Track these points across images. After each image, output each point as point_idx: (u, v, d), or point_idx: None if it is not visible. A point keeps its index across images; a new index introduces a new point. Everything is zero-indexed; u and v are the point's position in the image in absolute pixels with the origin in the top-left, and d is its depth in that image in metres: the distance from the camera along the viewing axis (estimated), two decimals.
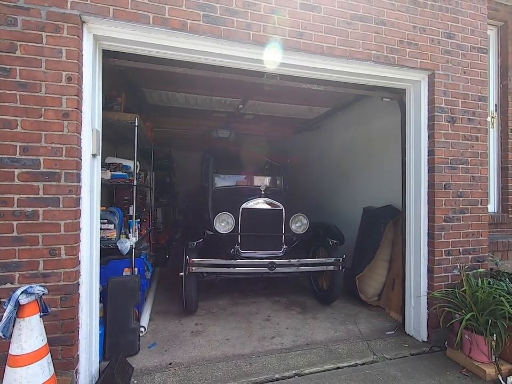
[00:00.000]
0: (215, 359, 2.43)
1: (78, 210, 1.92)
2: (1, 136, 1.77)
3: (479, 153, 2.86)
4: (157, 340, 2.71)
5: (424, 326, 2.73)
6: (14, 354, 1.44)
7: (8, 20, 1.79)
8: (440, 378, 2.23)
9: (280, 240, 3.55)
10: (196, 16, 2.11)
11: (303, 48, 2.34)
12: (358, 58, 2.48)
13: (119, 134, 3.31)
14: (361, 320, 3.20)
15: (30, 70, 1.81)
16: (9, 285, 1.77)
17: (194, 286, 3.14)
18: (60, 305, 1.84)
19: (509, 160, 3.71)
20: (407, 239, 2.91)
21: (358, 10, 2.49)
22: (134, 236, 2.80)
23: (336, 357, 2.49)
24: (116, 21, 1.97)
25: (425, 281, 2.74)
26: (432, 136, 2.73)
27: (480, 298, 2.31)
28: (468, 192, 2.81)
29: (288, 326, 3.05)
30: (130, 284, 2.51)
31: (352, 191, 4.72)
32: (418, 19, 2.67)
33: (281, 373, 2.26)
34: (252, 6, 2.22)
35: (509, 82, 3.73)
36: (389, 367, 2.36)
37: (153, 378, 2.18)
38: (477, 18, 2.87)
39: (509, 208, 3.69)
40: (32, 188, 1.81)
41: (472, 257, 2.80)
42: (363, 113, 4.42)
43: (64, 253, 1.85)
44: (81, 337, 1.93)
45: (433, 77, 2.72)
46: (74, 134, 1.88)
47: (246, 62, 2.38)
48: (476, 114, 2.85)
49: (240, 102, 4.41)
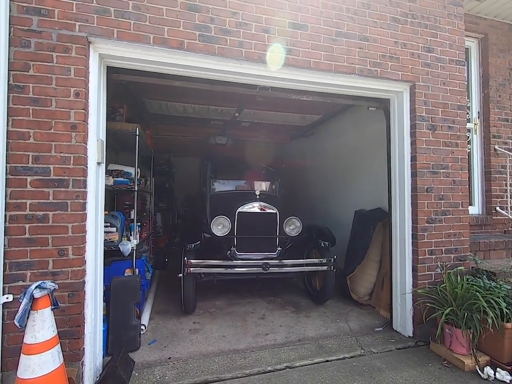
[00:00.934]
0: (211, 354, 2.58)
1: (84, 213, 2.09)
2: (16, 147, 1.95)
3: (459, 159, 3.04)
4: (157, 337, 2.86)
5: (409, 322, 2.89)
6: (28, 343, 1.60)
7: (22, 42, 1.98)
8: (422, 369, 2.38)
9: (274, 242, 3.70)
10: (193, 36, 2.31)
11: (291, 63, 2.54)
12: (343, 72, 2.68)
13: (121, 142, 3.50)
14: (352, 318, 3.35)
15: (41, 87, 2.00)
16: (21, 282, 1.94)
17: (192, 287, 3.28)
18: (68, 301, 1.99)
19: (491, 164, 3.90)
20: (393, 240, 3.08)
21: (342, 27, 2.70)
22: (135, 238, 2.96)
23: (326, 351, 2.64)
24: (120, 41, 2.17)
25: (410, 279, 2.90)
26: (414, 143, 2.92)
27: (458, 294, 2.47)
28: (449, 195, 2.99)
29: (281, 323, 3.19)
30: (132, 284, 2.67)
31: (345, 195, 4.90)
32: (399, 35, 2.88)
33: (273, 365, 2.41)
34: (244, 26, 2.42)
35: (489, 91, 3.94)
36: (375, 360, 2.51)
37: (153, 371, 2.33)
38: (454, 33, 3.08)
39: (493, 210, 3.87)
40: (43, 194, 1.98)
41: (454, 257, 2.97)
42: (353, 121, 4.63)
43: (71, 253, 2.01)
44: (86, 332, 2.09)
45: (414, 88, 2.92)
46: (81, 144, 2.07)
47: (239, 76, 2.58)
48: (456, 122, 3.04)
49: (235, 110, 4.61)
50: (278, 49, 2.48)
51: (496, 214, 3.86)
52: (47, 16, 2.02)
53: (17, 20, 1.97)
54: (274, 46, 2.47)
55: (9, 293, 1.90)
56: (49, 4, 2.02)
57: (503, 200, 3.88)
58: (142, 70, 2.44)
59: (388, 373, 2.32)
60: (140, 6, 2.20)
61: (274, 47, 2.47)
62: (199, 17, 2.33)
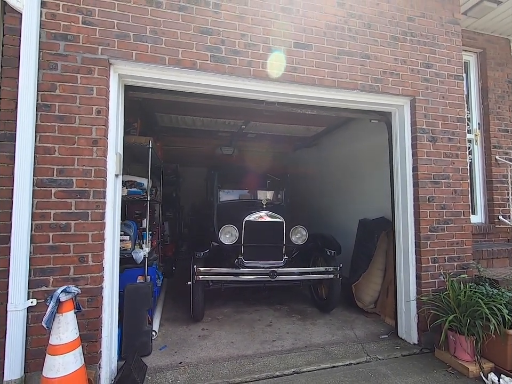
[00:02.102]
0: (221, 359, 2.66)
1: (103, 223, 2.22)
2: (42, 160, 2.10)
3: (460, 169, 3.14)
4: (167, 343, 2.94)
5: (414, 329, 2.94)
6: (53, 344, 1.71)
7: (50, 65, 2.16)
8: (427, 375, 2.43)
9: (281, 250, 3.76)
10: (204, 57, 2.48)
11: (296, 80, 2.69)
12: (345, 88, 2.83)
13: (134, 154, 3.67)
14: (358, 325, 3.41)
15: (67, 106, 2.17)
16: (45, 287, 2.06)
17: (201, 294, 3.36)
18: (87, 306, 2.11)
19: (493, 174, 3.98)
20: (397, 248, 3.16)
21: (344, 46, 2.86)
22: (147, 246, 3.09)
23: (332, 357, 2.70)
24: (138, 62, 2.34)
25: (414, 287, 2.97)
26: (415, 154, 3.03)
27: (462, 301, 2.53)
28: (451, 205, 3.08)
29: (288, 330, 3.26)
30: (144, 290, 2.78)
31: (349, 204, 4.99)
32: (399, 52, 3.03)
33: (281, 371, 2.47)
34: (252, 47, 2.59)
35: (489, 103, 4.06)
36: (380, 366, 2.57)
37: (165, 375, 2.41)
38: (452, 49, 3.23)
39: (495, 219, 3.93)
40: (66, 204, 2.13)
41: (458, 265, 3.04)
42: (357, 132, 4.76)
43: (91, 260, 2.14)
44: (103, 335, 2.20)
45: (414, 101, 3.05)
46: (102, 158, 2.22)
47: (247, 93, 2.74)
48: (455, 134, 3.15)
49: (242, 123, 4.78)
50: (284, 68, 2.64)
51: (499, 223, 3.92)
52: (73, 41, 2.20)
53: (46, 45, 2.15)
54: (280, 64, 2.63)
55: (33, 298, 2.02)
56: (75, 30, 2.21)
57: (505, 209, 3.94)
58: (157, 88, 2.61)
59: (394, 379, 2.37)
60: (157, 30, 2.38)
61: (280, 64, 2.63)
62: (210, 39, 2.50)
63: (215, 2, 2.53)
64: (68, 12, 2.21)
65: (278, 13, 2.69)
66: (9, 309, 1.91)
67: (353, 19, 2.91)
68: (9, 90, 2.09)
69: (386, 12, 3.02)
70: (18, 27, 2.10)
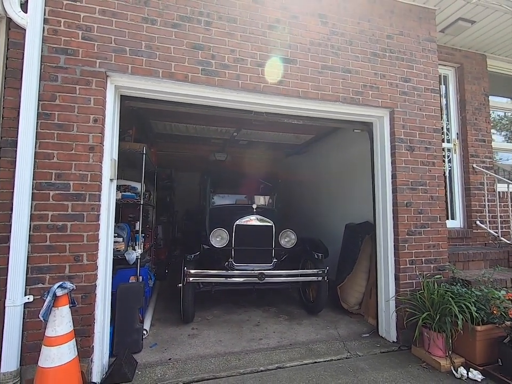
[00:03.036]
0: (208, 356, 2.79)
1: (98, 224, 2.36)
2: (41, 165, 2.25)
3: (436, 176, 3.35)
4: (158, 341, 3.06)
5: (393, 327, 3.10)
6: (49, 336, 1.83)
7: (51, 76, 2.32)
8: (402, 370, 2.59)
9: (270, 254, 3.90)
10: (196, 70, 2.66)
11: (282, 92, 2.89)
12: (328, 100, 3.03)
13: (128, 160, 3.81)
14: (342, 325, 3.56)
15: (65, 114, 2.32)
16: (41, 285, 2.18)
17: (192, 296, 3.45)
18: (81, 302, 2.23)
19: (470, 181, 4.21)
20: (378, 251, 3.34)
21: (327, 61, 3.07)
22: (139, 248, 3.22)
23: (314, 354, 2.84)
24: (133, 75, 2.52)
25: (393, 287, 3.14)
26: (394, 162, 3.23)
27: (435, 300, 2.71)
28: (428, 210, 3.27)
29: (275, 330, 3.40)
30: (136, 289, 2.90)
31: (337, 209, 5.18)
32: (378, 67, 3.25)
33: (265, 366, 2.61)
34: (241, 61, 2.79)
35: (466, 114, 4.30)
36: (359, 361, 2.72)
37: (154, 370, 2.53)
38: (429, 65, 3.46)
39: (473, 224, 4.14)
40: (63, 206, 2.27)
41: (434, 266, 3.22)
42: (343, 141, 4.98)
43: (86, 259, 2.28)
44: (96, 331, 2.32)
45: (393, 113, 3.26)
46: (97, 163, 2.37)
47: (236, 104, 2.92)
48: (432, 143, 3.37)
49: (234, 130, 4.97)
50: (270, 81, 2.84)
51: (477, 228, 4.13)
52: (73, 55, 2.37)
53: (48, 58, 2.32)
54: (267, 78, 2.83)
55: (30, 294, 2.15)
56: (75, 45, 2.38)
57: (482, 214, 4.15)
58: (151, 98, 2.78)
59: (370, 373, 2.53)
60: (151, 45, 2.56)
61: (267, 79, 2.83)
62: (201, 54, 2.69)
63: (206, 20, 2.73)
64: (68, 28, 2.38)
65: (265, 30, 2.90)
66: (7, 304, 2.03)
67: (335, 36, 3.13)
68: (12, 99, 2.24)
69: (367, 30, 3.25)
70: (21, 41, 2.26)
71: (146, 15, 2.58)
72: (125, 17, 2.52)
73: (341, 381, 2.40)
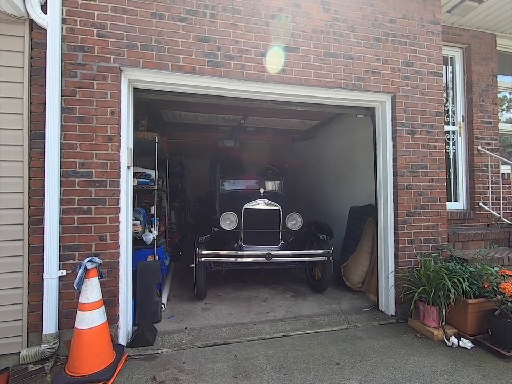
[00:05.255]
0: (220, 326, 3.08)
1: (118, 207, 2.62)
2: (66, 155, 2.50)
3: (437, 159, 3.44)
4: (174, 314, 3.38)
5: (392, 302, 3.31)
6: (82, 303, 2.14)
7: (71, 73, 2.53)
8: (397, 339, 2.81)
9: (277, 236, 4.10)
10: (203, 62, 2.81)
11: (285, 81, 3.01)
12: (330, 87, 3.14)
13: (142, 148, 4.04)
14: (344, 301, 3.79)
15: (85, 108, 2.54)
16: (72, 261, 2.48)
17: (204, 275, 3.70)
18: (106, 276, 2.53)
19: (474, 163, 4.26)
20: (379, 231, 3.51)
21: (329, 49, 3.15)
22: (155, 230, 3.49)
23: (317, 325, 3.09)
24: (145, 69, 2.69)
25: (393, 265, 3.32)
26: (395, 146, 3.34)
27: (431, 276, 2.88)
28: (428, 192, 3.39)
29: (281, 305, 3.67)
30: (154, 267, 3.19)
31: (342, 193, 5.33)
32: (381, 52, 3.30)
33: (271, 334, 2.88)
34: (245, 52, 2.91)
35: (473, 96, 4.29)
36: (358, 331, 2.96)
37: (172, 336, 2.84)
38: (432, 48, 3.48)
39: (476, 206, 4.22)
40: (87, 192, 2.53)
41: (433, 246, 3.37)
42: (347, 126, 5.05)
43: (109, 238, 2.55)
44: (120, 302, 2.62)
45: (395, 98, 3.34)
46: (116, 152, 2.60)
47: (241, 93, 3.07)
48: (434, 127, 3.44)
49: (241, 118, 5.11)
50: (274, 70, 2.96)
51: (480, 209, 4.21)
52: (89, 52, 2.56)
53: (67, 56, 2.52)
54: (270, 67, 2.95)
55: (63, 269, 2.45)
56: (91, 42, 2.57)
57: (486, 196, 4.22)
58: (161, 90, 2.96)
59: (368, 341, 2.76)
60: (160, 40, 2.72)
61: (270, 68, 2.95)
62: (207, 46, 2.83)
63: (211, 13, 2.85)
64: (84, 27, 2.56)
65: (268, 20, 2.99)
66: (45, 277, 2.34)
67: (338, 23, 3.19)
68: (37, 95, 2.47)
69: (369, 15, 3.29)
70: (43, 41, 2.46)
71: (155, 10, 2.72)
72: (135, 13, 2.68)
73: (339, 347, 2.65)
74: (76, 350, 2.09)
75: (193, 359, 2.47)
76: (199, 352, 2.58)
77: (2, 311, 2.34)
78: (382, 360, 2.44)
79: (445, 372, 2.29)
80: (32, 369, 2.24)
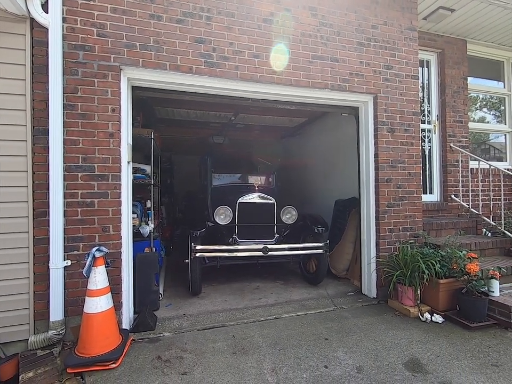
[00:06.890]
0: (216, 311, 3.28)
1: (119, 200, 2.75)
2: (69, 150, 2.60)
3: (414, 155, 3.77)
4: (172, 302, 3.55)
5: (374, 285, 3.62)
6: (91, 289, 2.28)
7: (72, 71, 2.62)
8: (378, 317, 3.12)
9: (272, 229, 4.10)
10: (199, 62, 2.97)
11: (276, 81, 3.22)
12: (318, 87, 3.37)
13: (136, 143, 4.12)
14: (330, 287, 4.08)
15: (87, 105, 2.65)
16: (76, 252, 2.60)
17: (199, 271, 3.62)
18: (110, 266, 2.66)
19: (447, 159, 4.65)
20: (362, 221, 3.80)
21: (317, 52, 3.38)
22: (152, 222, 3.63)
23: (306, 308, 3.36)
24: (144, 68, 2.82)
25: (374, 251, 3.63)
26: (377, 143, 3.63)
27: (407, 260, 3.20)
28: (406, 185, 3.71)
29: (272, 292, 3.91)
30: (151, 258, 3.34)
31: (328, 186, 5.62)
32: (364, 56, 3.57)
33: (265, 317, 3.12)
34: (239, 53, 3.09)
35: (446, 97, 4.67)
36: (343, 312, 3.24)
37: (172, 322, 3.02)
38: (410, 53, 3.78)
39: (448, 198, 4.62)
40: (90, 185, 2.64)
41: (410, 234, 3.70)
42: (333, 123, 5.34)
43: (112, 230, 2.68)
44: (123, 289, 2.77)
45: (376, 98, 3.62)
46: (117, 147, 2.73)
47: (235, 92, 3.25)
48: (411, 125, 3.76)
49: (232, 115, 5.28)
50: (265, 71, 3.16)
51: (452, 201, 4.62)
52: (90, 51, 2.66)
53: (68, 55, 2.61)
54: (262, 68, 3.15)
55: (68, 260, 2.56)
56: (91, 41, 2.67)
57: (457, 189, 4.63)
58: (159, 88, 3.10)
59: (352, 320, 3.05)
60: (159, 40, 2.85)
61: (262, 69, 3.15)
62: (203, 47, 2.99)
63: (207, 15, 3.00)
64: (84, 26, 2.66)
65: (261, 23, 3.18)
66: (51, 267, 2.45)
67: (325, 27, 3.42)
68: (40, 92, 2.55)
69: (354, 20, 3.54)
70: (44, 40, 2.54)
71: (153, 12, 2.84)
72: (134, 14, 2.79)
73: (327, 326, 2.92)
74: (86, 333, 2.23)
75: (194, 340, 2.66)
76: (199, 334, 2.78)
77: (9, 300, 2.44)
78: (365, 335, 2.72)
79: (419, 341, 2.60)
80: (41, 354, 2.36)
